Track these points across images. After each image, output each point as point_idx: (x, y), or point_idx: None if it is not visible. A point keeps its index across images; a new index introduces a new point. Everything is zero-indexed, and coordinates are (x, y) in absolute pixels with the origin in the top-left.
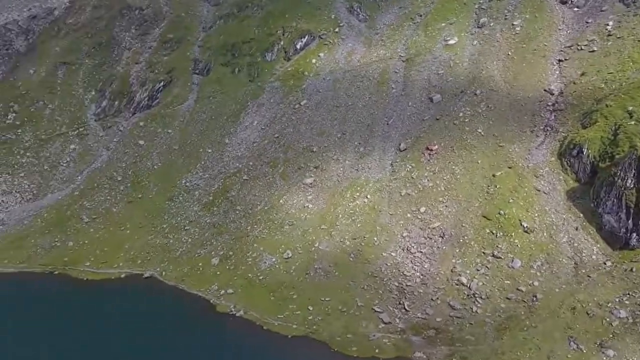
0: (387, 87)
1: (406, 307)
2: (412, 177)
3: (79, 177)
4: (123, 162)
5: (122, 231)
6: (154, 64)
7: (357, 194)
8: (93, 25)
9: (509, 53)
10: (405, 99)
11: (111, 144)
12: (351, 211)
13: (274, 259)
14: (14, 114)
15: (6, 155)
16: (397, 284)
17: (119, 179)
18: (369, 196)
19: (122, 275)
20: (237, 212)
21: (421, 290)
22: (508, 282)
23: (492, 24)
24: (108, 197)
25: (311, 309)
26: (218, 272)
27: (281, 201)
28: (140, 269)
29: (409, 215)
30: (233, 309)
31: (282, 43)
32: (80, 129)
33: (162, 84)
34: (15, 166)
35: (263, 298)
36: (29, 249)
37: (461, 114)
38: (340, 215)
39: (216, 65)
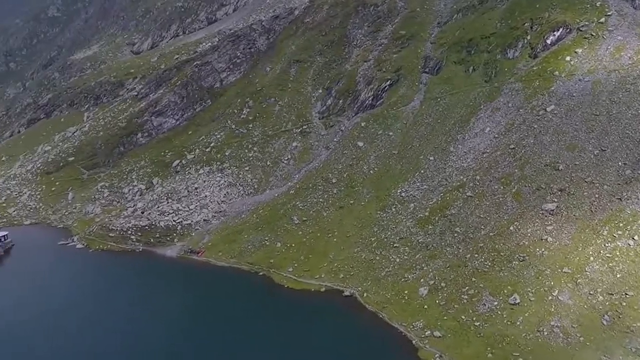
0: None
1: None
2: None
3: (297, 176)
4: (339, 164)
5: (329, 238)
6: (383, 62)
7: (619, 232)
8: (328, 23)
9: None
10: None
11: (331, 143)
12: (608, 255)
13: (496, 302)
14: (248, 110)
15: (237, 149)
16: None
17: (334, 181)
18: (636, 237)
19: (322, 289)
20: (456, 234)
21: None
22: None
23: None
24: (320, 200)
25: None
26: (425, 306)
27: (511, 228)
28: (342, 284)
29: None
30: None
31: (528, 38)
32: (304, 127)
33: (388, 83)
34: (243, 160)
35: (478, 352)
36: (242, 244)
37: None
38: (592, 259)
39: (448, 63)
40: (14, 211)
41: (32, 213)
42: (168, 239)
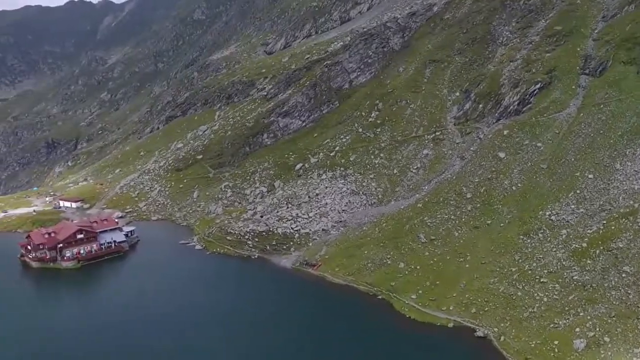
0: None
1: None
2: None
3: (426, 187)
4: (476, 177)
5: (460, 263)
6: (532, 61)
7: None
8: (470, 19)
9: None
10: None
11: (467, 152)
12: None
13: None
14: (377, 112)
15: (362, 154)
16: None
17: (468, 196)
18: None
19: (450, 325)
20: (624, 274)
21: None
22: None
23: None
24: (452, 217)
25: None
26: None
27: None
28: (473, 321)
29: None
30: None
31: None
32: (437, 133)
33: (538, 85)
34: (368, 166)
35: None
36: (361, 260)
37: None
38: None
39: (615, 63)
40: (144, 206)
41: (160, 209)
42: (284, 247)
